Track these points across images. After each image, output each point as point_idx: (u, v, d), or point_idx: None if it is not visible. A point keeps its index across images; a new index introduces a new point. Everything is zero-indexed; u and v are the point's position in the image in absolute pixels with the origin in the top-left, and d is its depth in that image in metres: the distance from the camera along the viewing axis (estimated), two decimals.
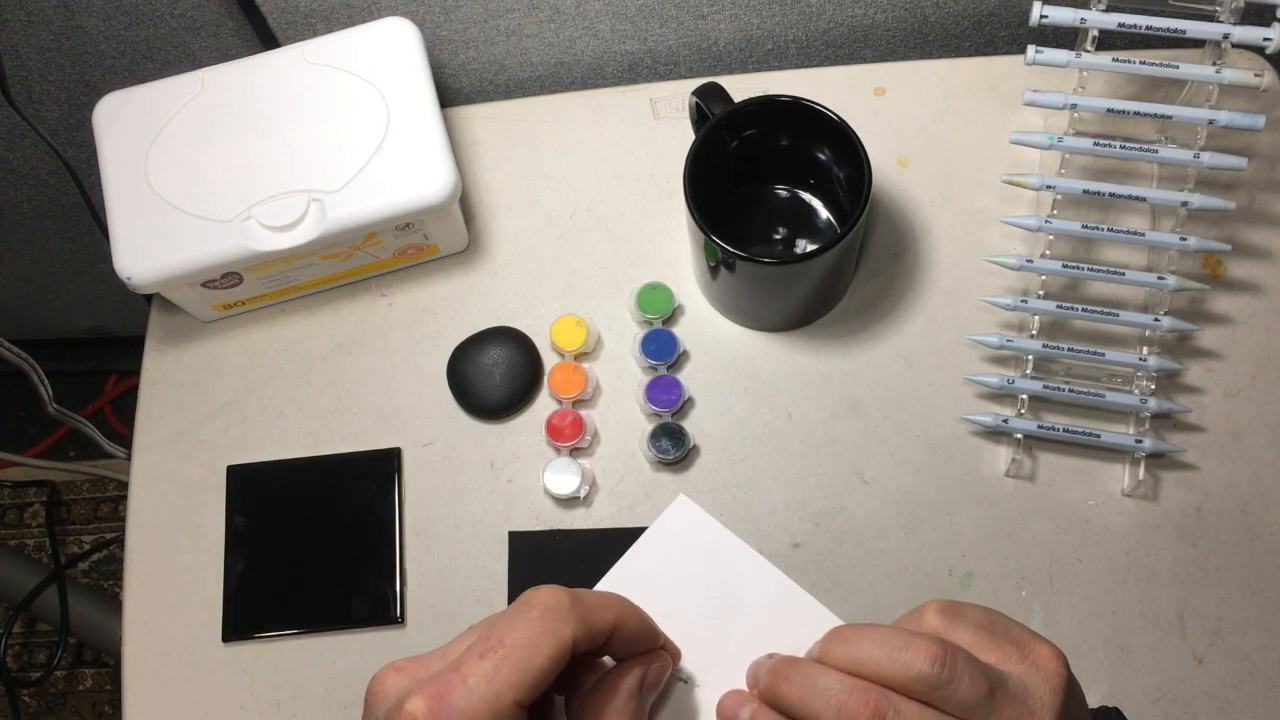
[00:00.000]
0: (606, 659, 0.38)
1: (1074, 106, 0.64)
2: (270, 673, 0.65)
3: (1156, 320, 0.64)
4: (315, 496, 0.68)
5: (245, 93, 0.67)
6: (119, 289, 0.66)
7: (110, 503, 1.41)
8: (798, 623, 0.39)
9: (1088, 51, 0.64)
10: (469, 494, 0.67)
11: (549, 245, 0.73)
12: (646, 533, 0.41)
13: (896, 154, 0.73)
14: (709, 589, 0.40)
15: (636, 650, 0.38)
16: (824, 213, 0.69)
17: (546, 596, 0.35)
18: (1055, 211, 0.67)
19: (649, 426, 0.67)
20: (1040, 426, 0.64)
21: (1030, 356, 0.65)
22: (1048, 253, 0.67)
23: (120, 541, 1.01)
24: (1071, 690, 0.37)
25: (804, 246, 0.69)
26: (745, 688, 0.38)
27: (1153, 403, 0.64)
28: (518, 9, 0.75)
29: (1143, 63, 0.63)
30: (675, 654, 0.39)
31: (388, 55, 0.68)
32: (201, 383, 0.71)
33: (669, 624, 0.39)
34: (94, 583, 1.37)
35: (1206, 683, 0.61)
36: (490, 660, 0.33)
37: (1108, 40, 0.64)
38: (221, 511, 0.68)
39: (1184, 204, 0.64)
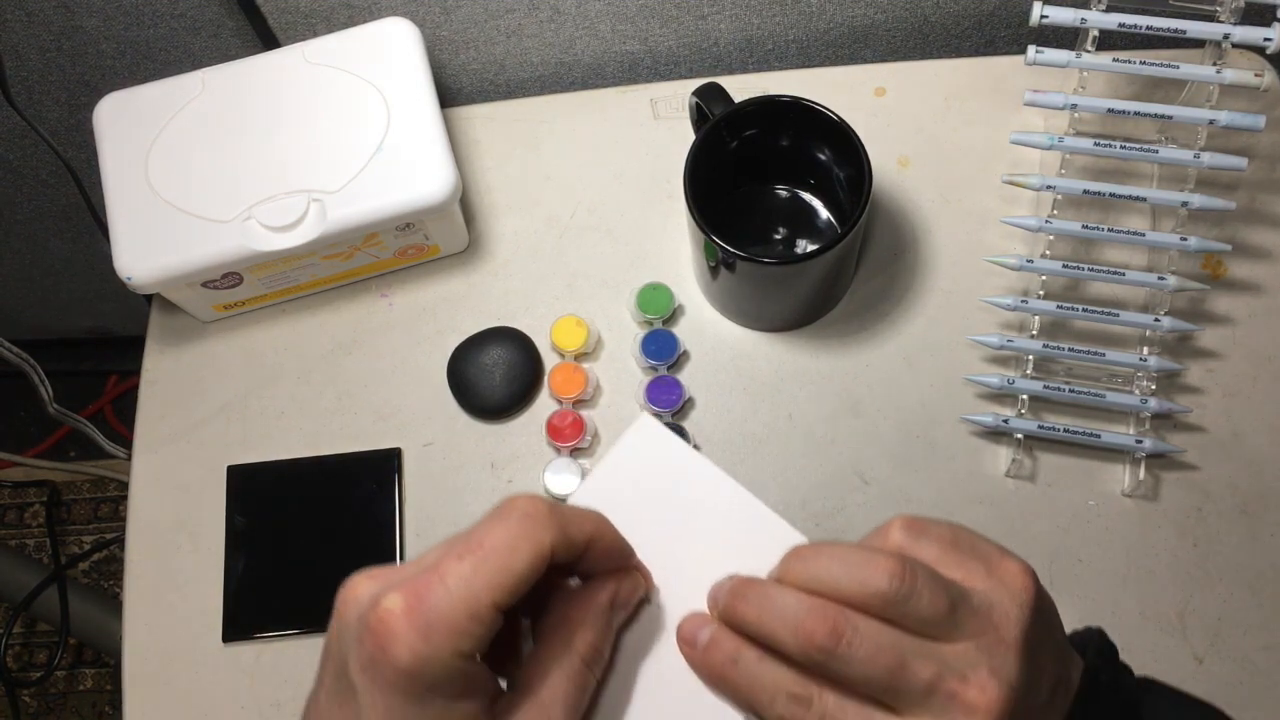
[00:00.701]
0: (573, 581, 0.38)
1: (1074, 106, 0.64)
2: (270, 673, 0.65)
3: (1157, 320, 0.64)
4: (315, 496, 0.68)
5: (245, 93, 0.67)
6: (119, 289, 0.66)
7: (110, 503, 1.40)
8: (763, 542, 0.38)
9: (1088, 52, 0.64)
10: (469, 494, 0.67)
11: (549, 245, 0.73)
12: (609, 454, 0.40)
13: (897, 154, 0.73)
14: (673, 510, 0.39)
15: (609, 568, 0.37)
16: (824, 213, 0.69)
17: (525, 503, 0.34)
18: (1055, 212, 0.67)
19: None
20: (1040, 426, 0.64)
21: (1030, 357, 0.65)
22: (1048, 253, 0.67)
23: (120, 541, 1.01)
24: (1041, 606, 0.36)
25: (804, 246, 0.69)
26: (707, 610, 0.38)
27: (1153, 403, 0.63)
28: (518, 9, 0.75)
29: (1143, 63, 0.63)
30: (647, 577, 0.39)
31: (388, 55, 0.68)
32: (201, 383, 0.71)
33: (634, 546, 0.38)
34: (94, 583, 1.37)
35: (1207, 683, 0.61)
36: (469, 561, 0.32)
37: (1108, 40, 0.64)
38: (221, 511, 0.68)
39: (1184, 204, 0.64)
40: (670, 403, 0.66)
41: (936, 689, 0.34)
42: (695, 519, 0.39)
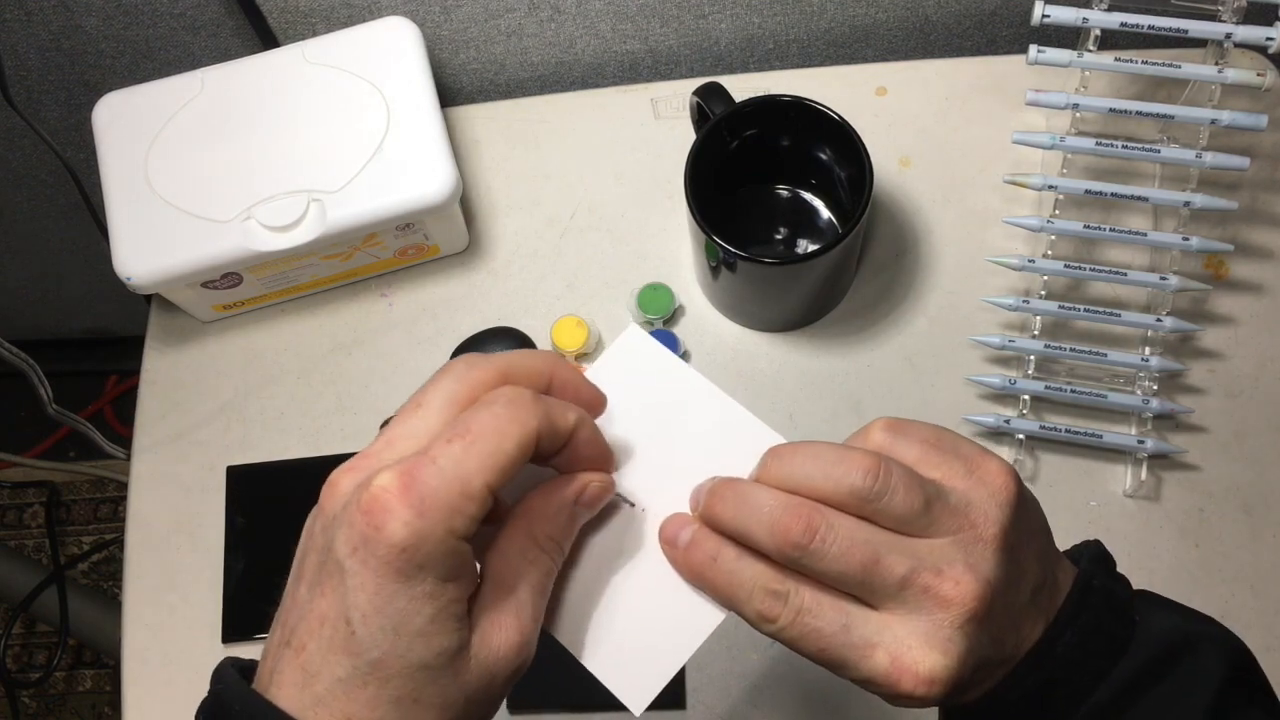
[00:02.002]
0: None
1: (1076, 106, 0.64)
2: None
3: (1159, 320, 0.64)
4: (315, 496, 0.67)
5: (245, 93, 0.67)
6: (119, 289, 0.66)
7: (110, 503, 1.40)
8: (746, 445, 0.39)
9: (1090, 51, 0.63)
10: None
11: (549, 245, 0.72)
12: (596, 363, 0.41)
13: (898, 154, 0.73)
14: (659, 415, 0.40)
15: (588, 465, 0.37)
16: (825, 213, 0.69)
17: (510, 390, 0.34)
18: (1057, 211, 0.67)
19: None
20: (1042, 427, 0.64)
21: (1032, 357, 0.65)
22: (1050, 253, 0.67)
23: (120, 542, 1.01)
24: (1022, 506, 0.36)
25: (805, 247, 0.69)
26: (689, 512, 0.39)
27: (1155, 403, 0.63)
28: (518, 8, 0.75)
29: (1145, 62, 0.63)
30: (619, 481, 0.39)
31: (388, 55, 0.68)
32: (201, 383, 0.71)
33: (619, 453, 0.39)
34: (94, 583, 1.37)
35: None
36: (459, 444, 0.32)
37: (1110, 40, 0.64)
38: (221, 511, 0.68)
39: (1186, 204, 0.64)
40: None
41: (911, 583, 0.34)
42: (680, 424, 0.40)
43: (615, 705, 0.37)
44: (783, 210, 0.70)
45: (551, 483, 0.37)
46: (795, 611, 0.35)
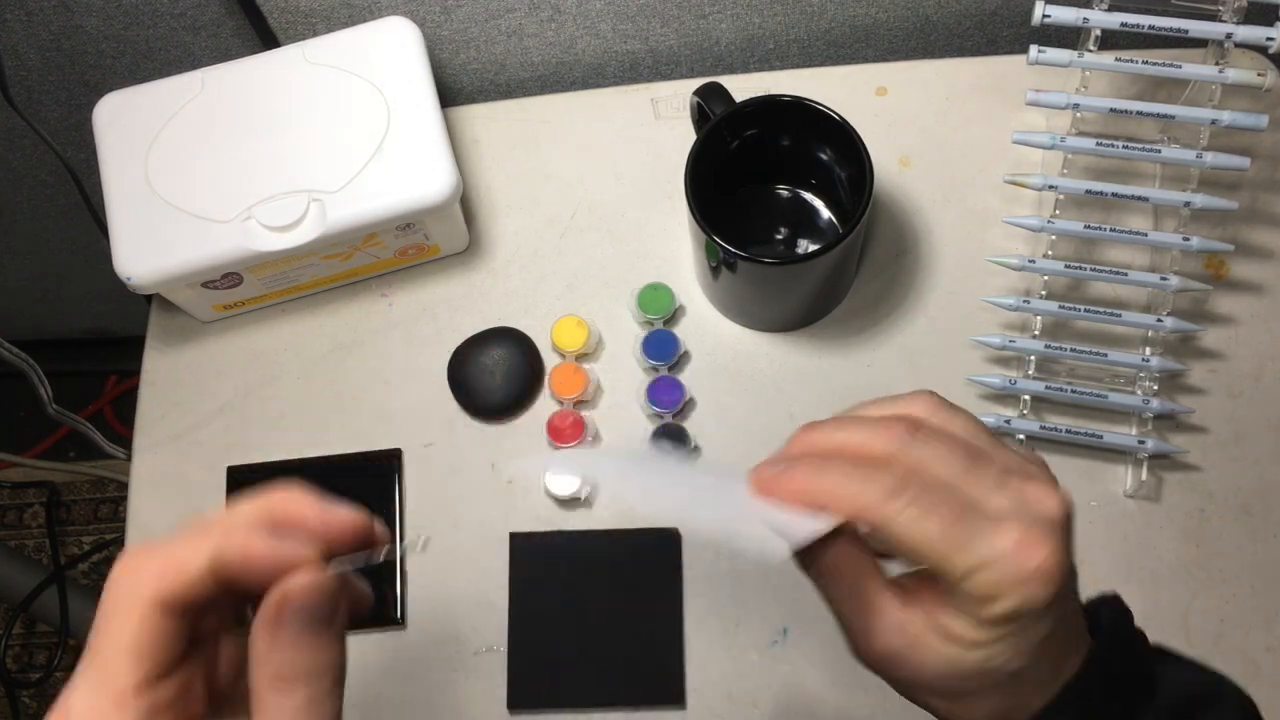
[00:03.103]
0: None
1: (1076, 106, 0.64)
2: None
3: (1159, 321, 0.64)
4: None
5: (245, 93, 0.67)
6: (119, 289, 0.66)
7: (110, 503, 1.40)
8: (740, 494, 0.38)
9: (1090, 51, 0.63)
10: (470, 495, 0.67)
11: (550, 245, 0.72)
12: (595, 451, 0.41)
13: (898, 154, 0.72)
14: (664, 506, 0.40)
15: (275, 575, 0.31)
16: (825, 213, 0.69)
17: (117, 568, 0.30)
18: (1058, 211, 0.67)
19: (650, 427, 0.67)
20: (1043, 427, 0.64)
21: (1032, 357, 0.65)
22: (1050, 253, 0.66)
23: (120, 542, 1.01)
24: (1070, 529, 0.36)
25: (805, 247, 0.69)
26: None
27: (1155, 403, 0.63)
28: (518, 8, 0.75)
29: (1145, 62, 0.63)
30: (380, 537, 0.34)
31: (388, 55, 0.68)
32: (201, 383, 0.71)
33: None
34: (94, 584, 1.37)
35: None
36: (85, 676, 0.30)
37: (1110, 40, 0.64)
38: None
39: (1187, 204, 0.64)
40: (671, 403, 0.66)
41: (1006, 483, 0.34)
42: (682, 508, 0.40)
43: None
44: (783, 210, 0.70)
45: (250, 633, 0.31)
46: (920, 488, 0.33)
